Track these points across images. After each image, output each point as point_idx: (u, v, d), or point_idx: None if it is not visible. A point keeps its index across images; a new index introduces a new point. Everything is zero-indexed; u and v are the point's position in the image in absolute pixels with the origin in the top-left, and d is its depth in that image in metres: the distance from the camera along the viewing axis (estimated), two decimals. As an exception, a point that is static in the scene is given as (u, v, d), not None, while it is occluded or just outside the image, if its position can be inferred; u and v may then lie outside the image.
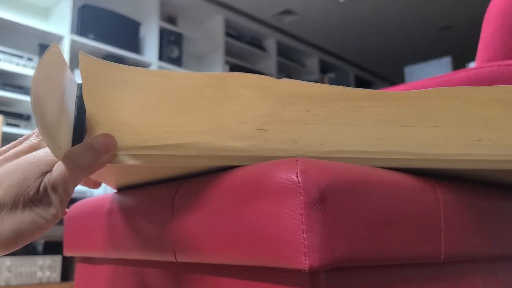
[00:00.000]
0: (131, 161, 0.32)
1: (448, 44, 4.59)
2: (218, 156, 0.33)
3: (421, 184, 0.35)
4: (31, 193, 0.31)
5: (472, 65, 2.36)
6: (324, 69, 4.75)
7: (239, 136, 0.32)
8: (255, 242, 0.29)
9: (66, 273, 2.33)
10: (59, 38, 2.71)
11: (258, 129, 0.33)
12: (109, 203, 0.46)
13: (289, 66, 4.39)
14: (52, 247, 2.34)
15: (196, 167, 0.35)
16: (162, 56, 3.27)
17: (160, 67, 3.22)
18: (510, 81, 0.51)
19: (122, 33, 3.05)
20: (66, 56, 2.68)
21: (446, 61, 2.37)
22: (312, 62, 4.62)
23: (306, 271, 0.26)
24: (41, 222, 0.31)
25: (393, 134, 0.33)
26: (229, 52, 3.85)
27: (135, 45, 3.14)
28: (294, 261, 0.26)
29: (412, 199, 0.32)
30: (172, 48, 3.35)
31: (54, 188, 0.31)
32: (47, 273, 2.19)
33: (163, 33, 3.30)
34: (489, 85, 0.54)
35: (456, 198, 0.36)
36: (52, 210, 0.31)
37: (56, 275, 2.22)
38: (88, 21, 2.89)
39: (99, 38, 2.91)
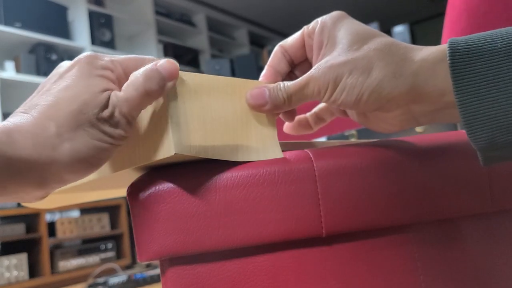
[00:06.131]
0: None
1: (374, 9, 4.90)
2: None
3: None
4: (95, 110, 0.29)
5: (398, 29, 2.59)
6: (254, 40, 4.86)
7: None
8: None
9: (33, 271, 2.29)
10: (-17, 29, 2.53)
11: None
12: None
13: (219, 40, 4.44)
14: (10, 247, 2.29)
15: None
16: (94, 40, 3.17)
17: (93, 51, 3.11)
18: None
19: (50, 19, 2.91)
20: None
21: (374, 27, 2.58)
22: (241, 34, 4.70)
23: None
24: (109, 141, 0.29)
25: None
26: (160, 30, 3.80)
27: (64, 31, 3.01)
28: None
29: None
30: (104, 31, 3.26)
31: (121, 110, 0.30)
32: (15, 273, 2.16)
33: (92, 16, 3.19)
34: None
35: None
36: (119, 131, 0.30)
37: (24, 273, 2.19)
38: (13, 9, 2.72)
39: (26, 26, 2.76)
